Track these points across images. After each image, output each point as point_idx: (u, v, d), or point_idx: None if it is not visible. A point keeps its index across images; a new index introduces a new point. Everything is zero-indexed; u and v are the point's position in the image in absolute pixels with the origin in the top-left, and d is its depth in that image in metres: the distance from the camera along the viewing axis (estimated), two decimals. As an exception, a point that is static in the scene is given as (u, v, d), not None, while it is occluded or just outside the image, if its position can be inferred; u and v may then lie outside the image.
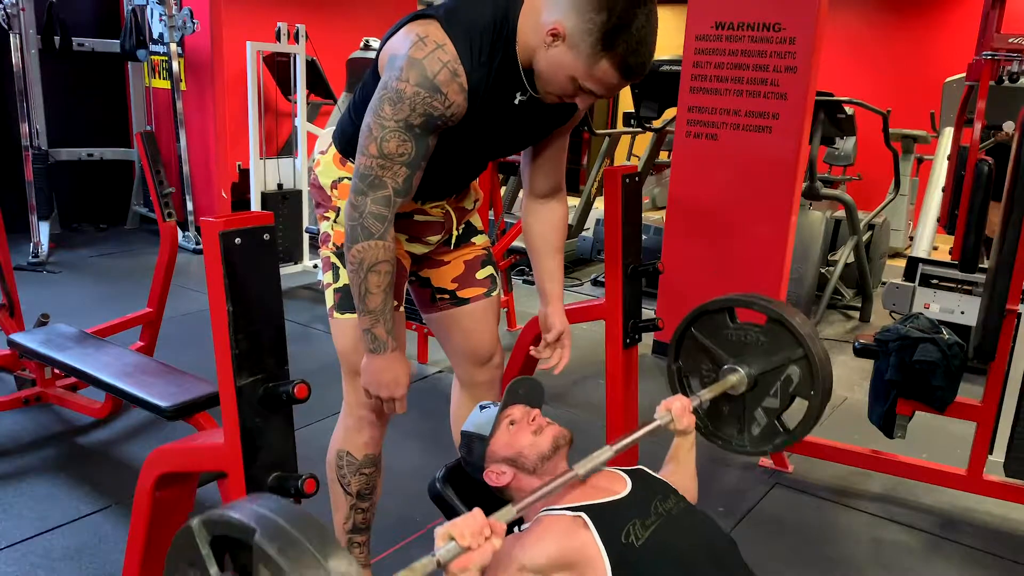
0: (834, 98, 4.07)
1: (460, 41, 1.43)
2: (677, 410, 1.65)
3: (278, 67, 5.63)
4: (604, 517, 1.37)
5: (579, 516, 1.37)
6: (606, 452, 1.47)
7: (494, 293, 1.92)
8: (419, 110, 1.43)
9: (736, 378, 1.83)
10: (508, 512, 1.26)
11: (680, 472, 1.69)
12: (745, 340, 1.87)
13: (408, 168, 1.49)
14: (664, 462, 1.73)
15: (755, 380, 1.84)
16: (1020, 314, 2.34)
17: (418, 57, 1.42)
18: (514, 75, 1.50)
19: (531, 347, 1.89)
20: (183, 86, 5.63)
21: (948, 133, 4.58)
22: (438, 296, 1.89)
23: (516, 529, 1.51)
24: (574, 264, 5.52)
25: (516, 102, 1.55)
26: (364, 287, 1.52)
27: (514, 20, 1.46)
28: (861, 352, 2.49)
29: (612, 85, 1.42)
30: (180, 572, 0.95)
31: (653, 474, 1.56)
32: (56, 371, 2.85)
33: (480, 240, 1.92)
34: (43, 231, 5.13)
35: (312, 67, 5.66)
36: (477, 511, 1.19)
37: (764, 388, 1.85)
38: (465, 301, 1.88)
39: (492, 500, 1.56)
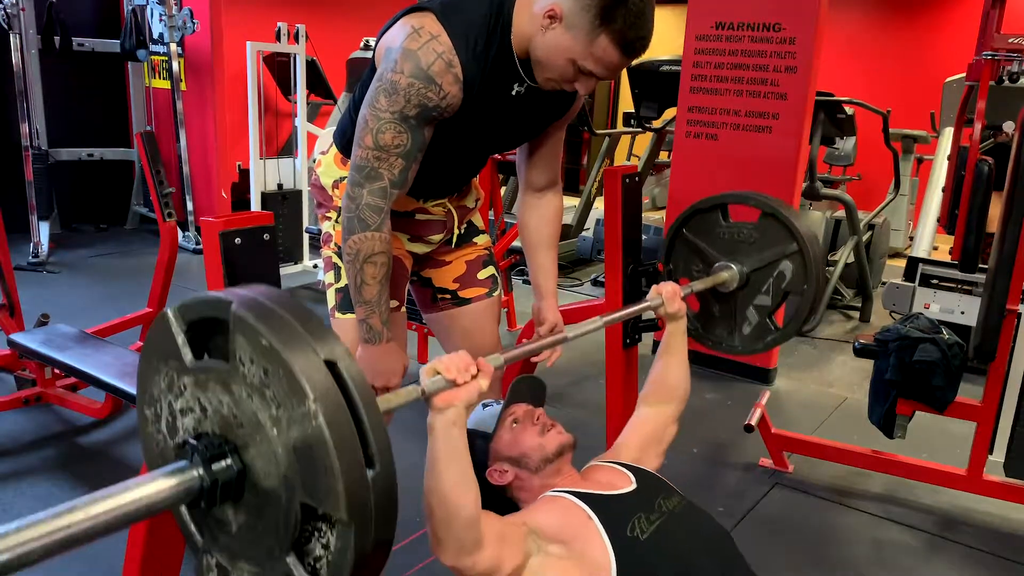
0: (834, 98, 4.07)
1: (455, 32, 1.44)
2: (668, 293, 1.69)
3: (278, 67, 5.63)
4: (609, 509, 1.38)
5: (581, 505, 1.38)
6: (595, 322, 1.50)
7: (495, 293, 1.92)
8: (414, 101, 1.43)
9: (728, 274, 1.83)
10: (496, 358, 1.29)
11: (674, 363, 1.73)
12: (738, 238, 1.86)
13: (404, 159, 1.49)
14: (656, 356, 1.76)
15: (747, 277, 1.83)
16: (1020, 314, 2.34)
17: (413, 48, 1.42)
18: (510, 66, 1.50)
19: (524, 341, 1.89)
20: (183, 86, 5.63)
21: (948, 133, 4.58)
22: (439, 296, 1.89)
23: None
24: (574, 264, 5.52)
25: (514, 93, 1.55)
26: (360, 278, 1.53)
27: (509, 11, 1.47)
28: (861, 352, 2.49)
29: (612, 63, 1.41)
30: (155, 370, 0.90)
31: (657, 474, 1.56)
32: (56, 371, 2.85)
33: (482, 240, 1.92)
34: (43, 231, 5.12)
35: (312, 67, 5.66)
36: (464, 351, 1.22)
37: (756, 285, 1.84)
38: (466, 301, 1.88)
39: (490, 497, 1.55)
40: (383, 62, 1.47)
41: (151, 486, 0.80)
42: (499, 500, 1.55)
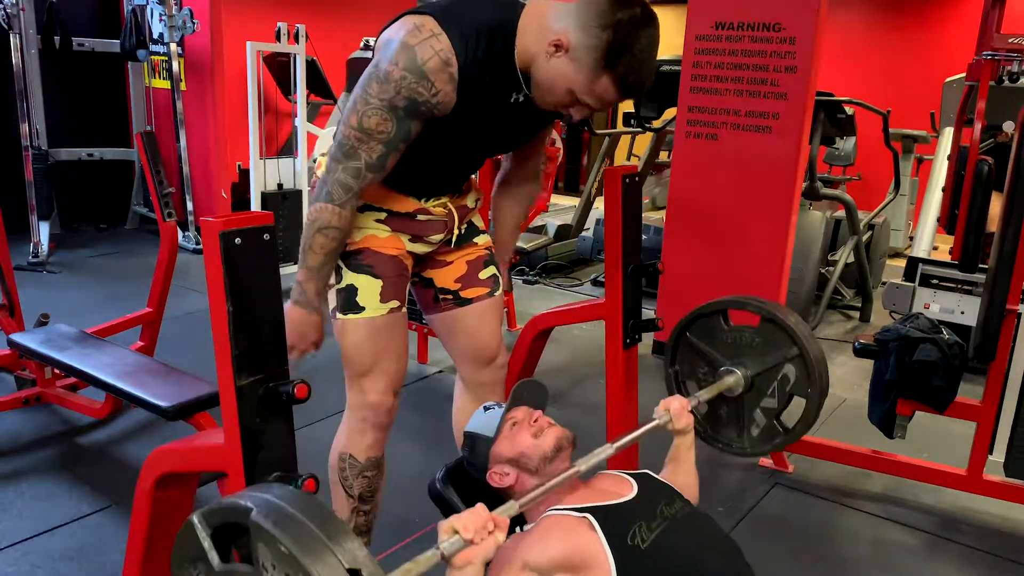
0: (834, 98, 4.07)
1: (455, 36, 1.47)
2: (675, 409, 1.67)
3: (278, 67, 5.62)
4: (610, 519, 1.37)
5: (585, 517, 1.37)
6: (607, 450, 1.48)
7: (497, 293, 1.93)
8: (404, 93, 1.47)
9: (733, 379, 1.84)
10: (511, 507, 1.27)
11: (681, 471, 1.70)
12: (740, 342, 1.88)
13: (385, 147, 1.53)
14: (665, 463, 1.74)
15: (752, 381, 1.84)
16: (1020, 314, 2.34)
17: (411, 43, 1.46)
18: (511, 76, 1.53)
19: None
20: (183, 86, 5.62)
21: (948, 133, 4.57)
22: (441, 296, 1.89)
23: (519, 529, 1.51)
24: (574, 264, 5.52)
25: (512, 101, 1.58)
26: (309, 243, 1.58)
27: (514, 23, 1.51)
28: (861, 352, 2.49)
29: (609, 101, 1.48)
30: (186, 572, 0.93)
31: (658, 478, 1.56)
32: (56, 371, 2.85)
33: (482, 240, 1.93)
34: (43, 231, 5.12)
35: (312, 67, 5.66)
36: (480, 506, 1.19)
37: (761, 388, 1.85)
38: (468, 301, 1.89)
39: (492, 500, 1.56)
40: (381, 52, 1.51)
41: None
42: (498, 501, 1.55)
